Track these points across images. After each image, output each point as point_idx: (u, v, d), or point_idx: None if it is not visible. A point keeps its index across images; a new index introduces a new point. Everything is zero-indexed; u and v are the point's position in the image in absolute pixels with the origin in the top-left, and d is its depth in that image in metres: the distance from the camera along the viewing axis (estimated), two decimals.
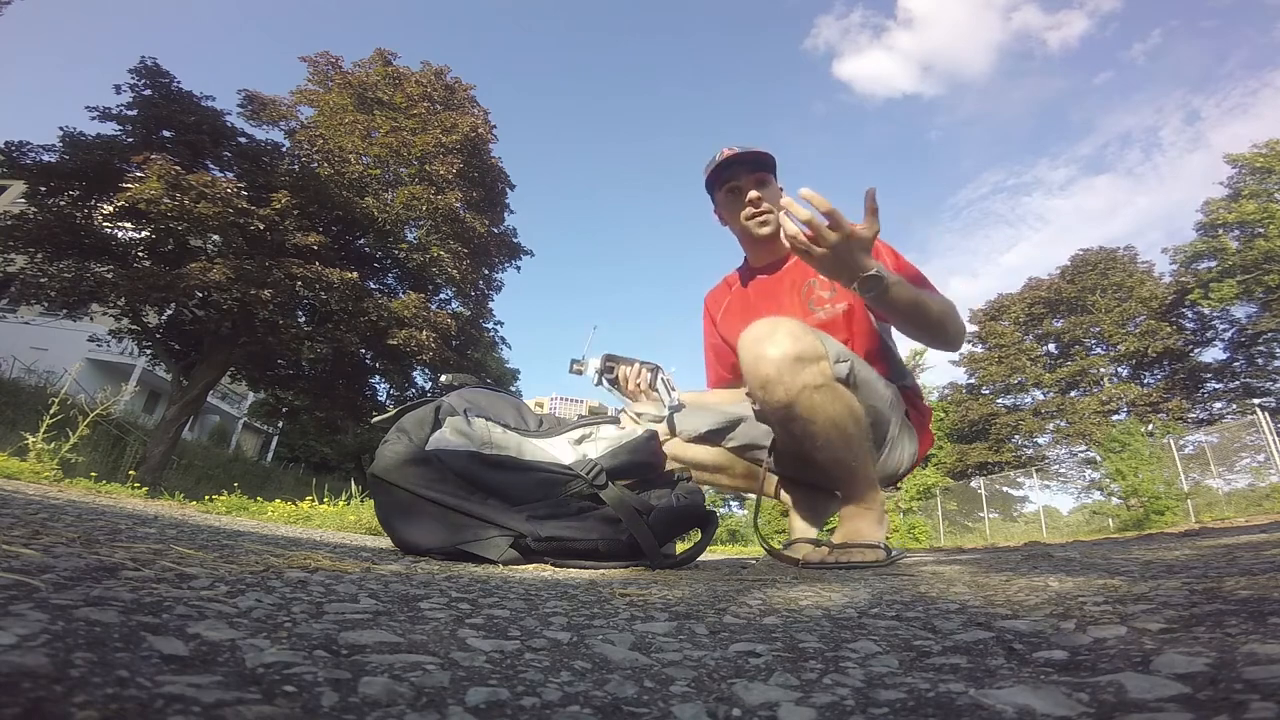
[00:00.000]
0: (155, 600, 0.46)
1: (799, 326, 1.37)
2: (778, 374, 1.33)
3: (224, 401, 22.03)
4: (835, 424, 1.35)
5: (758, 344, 1.36)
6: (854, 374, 1.42)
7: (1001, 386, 25.41)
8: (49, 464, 3.37)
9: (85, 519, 1.15)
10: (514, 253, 14.00)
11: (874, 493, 1.46)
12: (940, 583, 0.92)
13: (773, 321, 1.39)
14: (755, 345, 1.36)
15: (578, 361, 1.77)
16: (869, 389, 1.47)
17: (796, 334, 1.34)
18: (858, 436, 1.39)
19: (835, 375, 1.36)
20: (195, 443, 16.40)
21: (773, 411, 1.42)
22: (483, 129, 12.54)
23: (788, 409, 1.35)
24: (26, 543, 0.67)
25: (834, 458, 1.39)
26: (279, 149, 10.99)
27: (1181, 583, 0.73)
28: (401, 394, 13.56)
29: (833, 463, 1.40)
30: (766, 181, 1.73)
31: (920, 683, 0.37)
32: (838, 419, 1.35)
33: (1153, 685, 0.33)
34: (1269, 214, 18.08)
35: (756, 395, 1.42)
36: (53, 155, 9.42)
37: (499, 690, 0.33)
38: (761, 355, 1.34)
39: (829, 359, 1.36)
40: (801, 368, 1.32)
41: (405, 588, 0.68)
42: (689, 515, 1.34)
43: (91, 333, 12.52)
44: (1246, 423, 12.82)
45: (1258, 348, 20.29)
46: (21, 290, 9.64)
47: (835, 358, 1.37)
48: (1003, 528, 17.60)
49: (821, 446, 1.38)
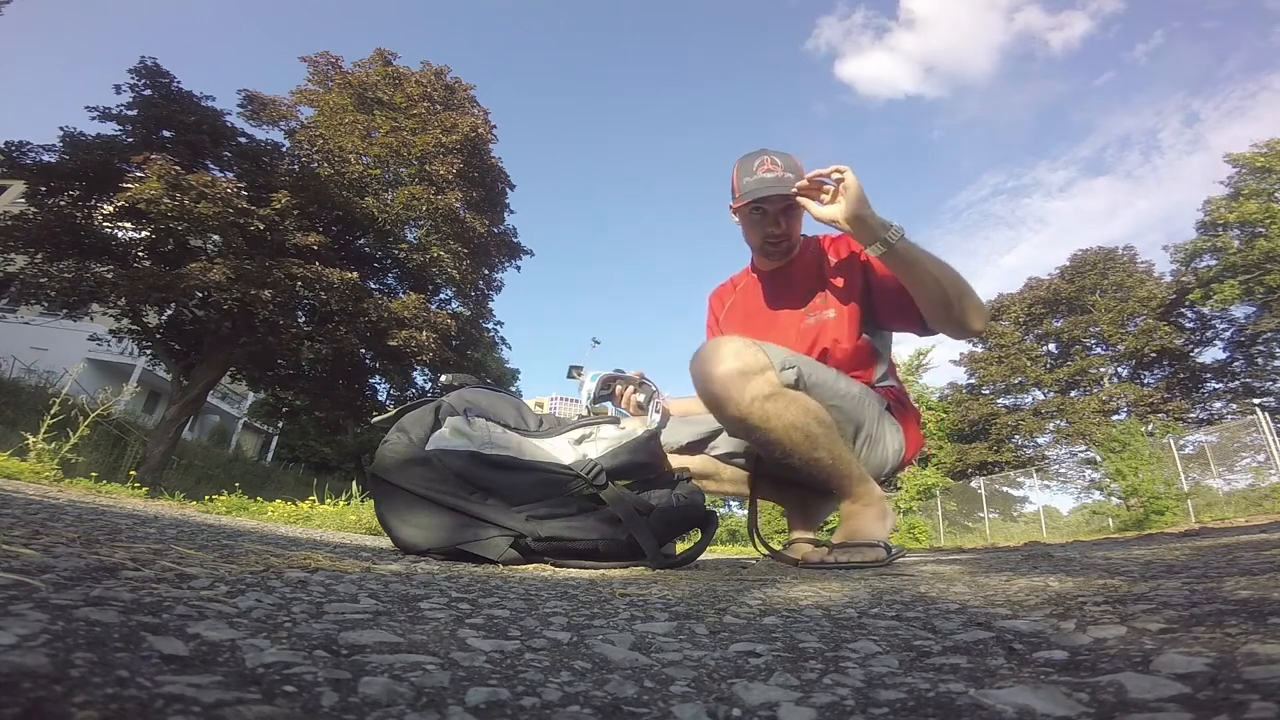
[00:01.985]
0: (155, 600, 0.46)
1: (740, 343, 1.41)
2: (725, 391, 1.37)
3: (224, 401, 22.04)
4: (794, 427, 1.38)
5: (702, 365, 1.41)
6: (804, 378, 1.44)
7: (1001, 386, 25.42)
8: (49, 464, 3.37)
9: (85, 519, 1.15)
10: (514, 253, 14.01)
11: (867, 487, 1.46)
12: (940, 583, 0.92)
13: (715, 342, 1.43)
14: (700, 366, 1.41)
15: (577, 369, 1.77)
16: (826, 389, 1.49)
17: (738, 350, 1.38)
18: (824, 435, 1.40)
19: (784, 382, 1.39)
20: (195, 443, 16.40)
21: (731, 427, 1.48)
22: (483, 129, 12.54)
23: (743, 422, 1.40)
24: (26, 543, 0.67)
25: (807, 458, 1.41)
26: (279, 149, 10.99)
27: (1181, 583, 0.73)
28: (401, 394, 13.56)
29: (808, 464, 1.42)
30: (793, 211, 1.66)
31: (920, 683, 0.37)
32: (795, 422, 1.38)
33: (1153, 685, 0.33)
34: (1270, 214, 18.08)
35: (712, 413, 1.48)
36: (53, 155, 9.42)
37: (499, 690, 0.33)
38: (707, 375, 1.39)
39: (774, 368, 1.39)
40: (746, 381, 1.36)
41: (405, 588, 0.69)
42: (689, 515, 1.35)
43: (92, 333, 12.53)
44: (1246, 423, 12.82)
45: (1257, 347, 20.30)
46: (21, 290, 9.64)
47: (781, 365, 1.41)
48: (1003, 528, 17.60)
49: (789, 451, 1.41)
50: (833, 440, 1.42)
